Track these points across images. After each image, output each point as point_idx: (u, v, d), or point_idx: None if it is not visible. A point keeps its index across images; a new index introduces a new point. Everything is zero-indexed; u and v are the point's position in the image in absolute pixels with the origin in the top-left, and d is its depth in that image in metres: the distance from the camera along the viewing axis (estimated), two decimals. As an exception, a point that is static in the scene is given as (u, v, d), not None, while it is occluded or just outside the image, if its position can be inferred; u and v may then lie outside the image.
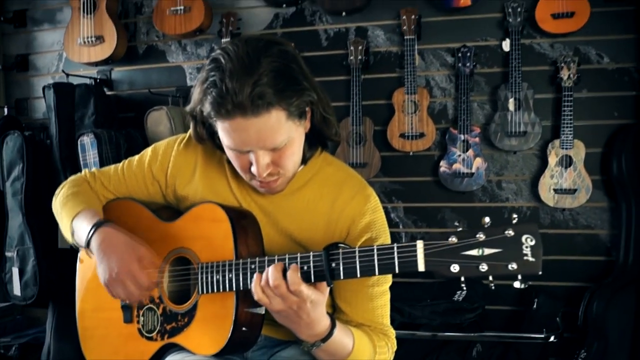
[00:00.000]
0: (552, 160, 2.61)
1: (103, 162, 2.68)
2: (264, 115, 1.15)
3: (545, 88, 2.70)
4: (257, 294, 1.15)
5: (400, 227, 2.89)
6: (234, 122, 1.16)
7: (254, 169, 1.23)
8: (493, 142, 2.69)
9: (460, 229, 1.09)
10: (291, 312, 1.13)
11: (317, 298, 1.13)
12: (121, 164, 1.54)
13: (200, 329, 1.31)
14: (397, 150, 2.78)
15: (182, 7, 2.87)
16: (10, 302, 2.89)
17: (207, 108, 1.18)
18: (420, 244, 1.08)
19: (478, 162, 2.68)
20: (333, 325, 1.20)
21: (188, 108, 1.30)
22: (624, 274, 2.53)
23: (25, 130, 2.87)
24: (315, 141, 1.36)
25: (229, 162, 1.40)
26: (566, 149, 2.58)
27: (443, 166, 2.73)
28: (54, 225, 2.70)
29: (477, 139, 2.69)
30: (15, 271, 2.74)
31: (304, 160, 1.35)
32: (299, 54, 1.23)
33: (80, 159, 2.73)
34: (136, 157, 1.53)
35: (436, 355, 2.51)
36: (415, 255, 1.08)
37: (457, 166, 2.71)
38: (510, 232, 1.04)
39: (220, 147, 1.33)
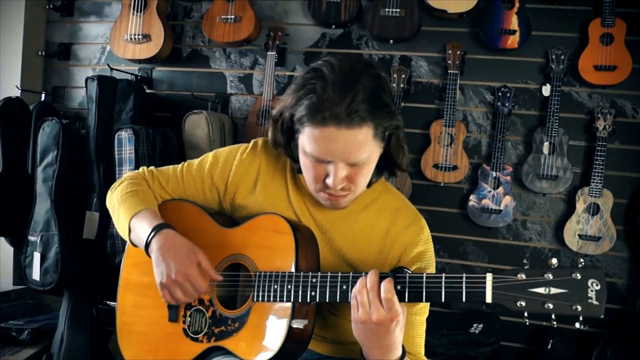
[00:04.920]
0: (580, 206, 2.66)
1: (138, 159, 2.70)
2: (355, 130, 1.19)
3: (579, 135, 2.77)
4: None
5: (422, 254, 2.92)
6: (325, 130, 1.19)
7: (329, 181, 1.27)
8: (524, 183, 2.74)
9: (528, 266, 1.12)
10: (373, 327, 1.15)
11: (403, 319, 1.16)
12: (180, 165, 1.56)
13: (250, 335, 1.33)
14: (429, 179, 2.83)
15: (232, 17, 2.93)
16: (25, 285, 2.89)
17: (301, 112, 1.22)
18: (489, 277, 1.12)
19: (507, 200, 2.73)
20: (403, 356, 1.22)
21: (274, 112, 1.33)
22: (639, 325, 2.56)
23: (62, 118, 2.90)
24: (384, 167, 1.40)
25: (293, 173, 1.44)
26: (595, 197, 2.63)
27: (472, 200, 2.78)
28: (81, 214, 2.77)
29: (508, 178, 2.74)
30: (37, 256, 2.74)
31: (368, 185, 1.39)
32: (389, 81, 1.28)
33: (116, 153, 2.75)
34: (196, 160, 1.55)
35: (448, 385, 2.54)
36: (484, 287, 1.12)
37: (486, 202, 2.76)
38: (577, 275, 1.09)
39: (292, 156, 1.37)
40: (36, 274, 2.76)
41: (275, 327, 1.30)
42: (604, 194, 2.64)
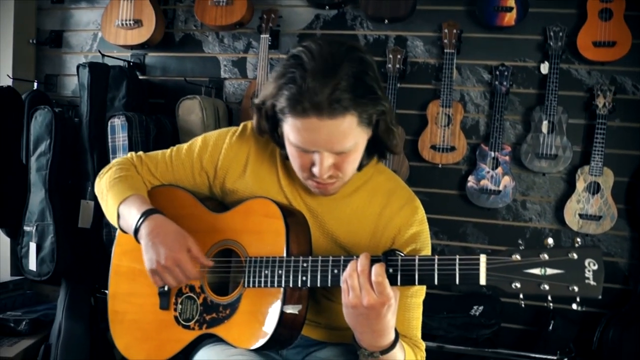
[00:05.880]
0: (580, 185, 2.63)
1: (132, 146, 2.68)
2: (339, 119, 1.16)
3: (578, 114, 2.73)
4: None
5: (421, 237, 2.91)
6: (307, 121, 1.16)
7: (315, 170, 1.24)
8: (523, 162, 2.71)
9: (523, 247, 1.09)
10: (364, 311, 1.12)
11: (394, 304, 1.13)
12: (169, 150, 1.53)
13: (242, 322, 1.31)
14: (427, 161, 2.80)
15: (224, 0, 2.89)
16: (23, 276, 2.88)
17: (281, 103, 1.19)
18: (483, 258, 1.09)
19: (506, 180, 2.70)
20: (396, 340, 1.20)
21: (256, 100, 1.30)
22: (641, 304, 2.55)
23: (55, 107, 2.87)
24: (374, 150, 1.36)
25: (282, 159, 1.41)
26: (595, 175, 2.60)
27: (471, 181, 2.75)
28: (76, 203, 2.75)
29: (507, 158, 2.71)
30: (32, 246, 2.74)
31: (359, 167, 1.36)
32: (374, 63, 1.24)
33: (109, 140, 2.72)
34: (185, 145, 1.53)
35: (448, 367, 2.53)
36: (478, 269, 1.09)
37: (484, 182, 2.73)
38: (573, 255, 1.06)
39: (278, 142, 1.34)
40: (32, 264, 2.75)
41: (267, 313, 1.28)
42: (605, 172, 2.60)
